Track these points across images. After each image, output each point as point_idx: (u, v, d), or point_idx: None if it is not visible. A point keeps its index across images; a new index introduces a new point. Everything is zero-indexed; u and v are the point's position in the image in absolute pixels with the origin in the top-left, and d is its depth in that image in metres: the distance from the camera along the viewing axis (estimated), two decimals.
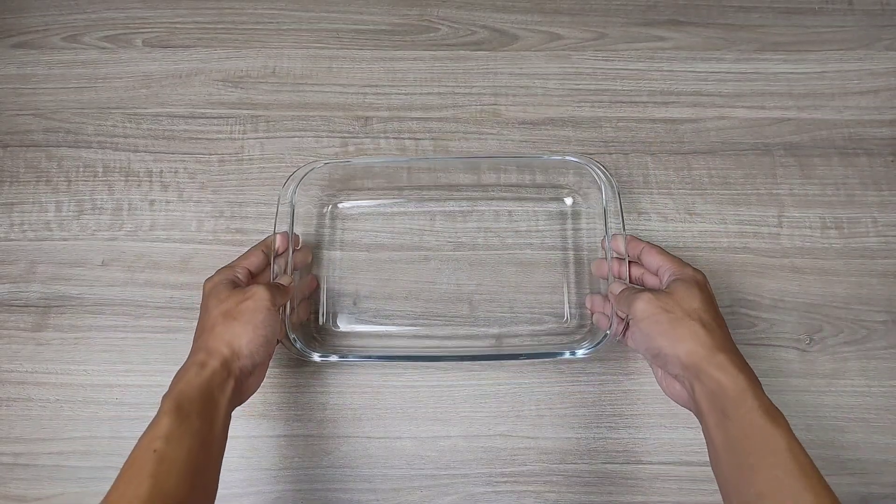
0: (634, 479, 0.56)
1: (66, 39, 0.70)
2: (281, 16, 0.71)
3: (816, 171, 0.64)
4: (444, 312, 0.60)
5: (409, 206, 0.63)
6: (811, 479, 0.38)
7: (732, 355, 0.43)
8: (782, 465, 0.38)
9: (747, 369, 0.43)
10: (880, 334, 0.59)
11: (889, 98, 0.67)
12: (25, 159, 0.66)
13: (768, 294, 0.60)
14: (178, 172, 0.65)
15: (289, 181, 0.59)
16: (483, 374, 0.58)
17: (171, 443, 0.40)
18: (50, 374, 0.58)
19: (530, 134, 0.66)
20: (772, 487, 0.38)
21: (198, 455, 0.41)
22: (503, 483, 0.56)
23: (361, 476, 0.56)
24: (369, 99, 0.68)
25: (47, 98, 0.68)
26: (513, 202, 0.63)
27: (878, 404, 0.57)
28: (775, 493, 0.38)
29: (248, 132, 0.66)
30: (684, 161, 0.65)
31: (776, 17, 0.71)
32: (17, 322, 0.60)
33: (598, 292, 0.58)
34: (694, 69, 0.69)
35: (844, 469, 0.56)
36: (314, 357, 0.54)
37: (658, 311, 0.45)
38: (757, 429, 0.40)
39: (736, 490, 0.40)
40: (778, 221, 0.63)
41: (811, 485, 0.38)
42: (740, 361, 0.43)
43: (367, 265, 0.61)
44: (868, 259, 0.61)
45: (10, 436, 0.57)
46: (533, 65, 0.69)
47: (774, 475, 0.38)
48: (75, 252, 0.62)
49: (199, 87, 0.68)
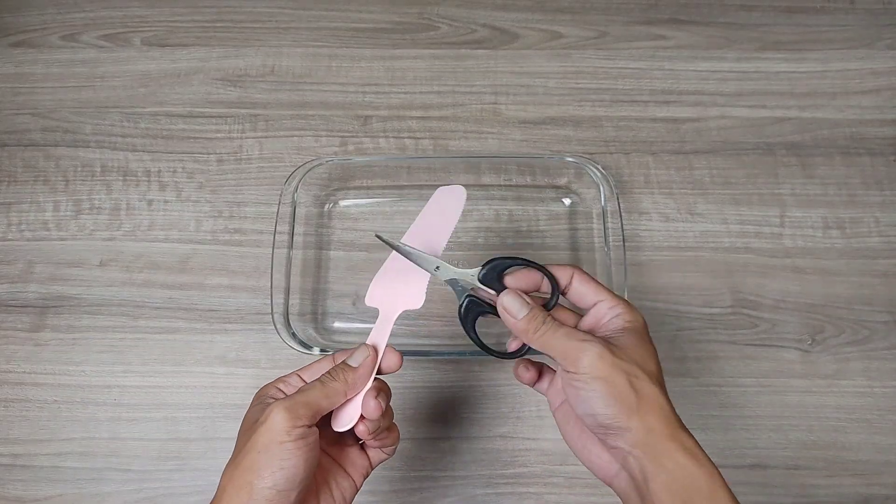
0: None
1: (64, 38, 0.70)
2: (280, 14, 0.71)
3: (818, 171, 0.64)
4: (444, 312, 0.60)
5: (409, 206, 0.63)
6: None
7: (690, 434, 0.36)
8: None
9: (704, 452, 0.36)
10: (882, 335, 0.59)
11: (891, 97, 0.67)
12: (23, 159, 0.65)
13: (770, 294, 0.60)
14: (176, 172, 0.65)
15: (290, 179, 0.58)
16: (483, 375, 0.58)
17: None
18: (48, 374, 0.58)
19: (531, 133, 0.66)
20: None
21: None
22: (503, 485, 0.55)
23: None
24: (369, 98, 0.67)
25: (45, 97, 0.68)
26: (513, 202, 0.63)
27: (880, 405, 0.57)
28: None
29: (247, 131, 0.66)
30: (686, 161, 0.65)
31: (778, 16, 0.71)
32: (14, 322, 0.60)
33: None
34: (695, 68, 0.68)
35: (846, 470, 0.55)
36: (314, 351, 0.54)
37: (616, 373, 0.36)
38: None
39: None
40: (780, 221, 0.62)
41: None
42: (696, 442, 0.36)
43: (367, 265, 0.61)
44: (870, 259, 0.61)
45: (8, 437, 0.57)
46: (533, 63, 0.69)
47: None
48: (73, 252, 0.62)
49: (198, 86, 0.68)
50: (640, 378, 0.36)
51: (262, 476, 0.34)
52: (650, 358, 0.38)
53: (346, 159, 0.63)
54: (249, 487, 0.34)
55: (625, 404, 0.35)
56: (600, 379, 0.36)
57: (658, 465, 0.35)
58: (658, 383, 0.37)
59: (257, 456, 0.34)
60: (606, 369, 0.36)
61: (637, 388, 0.36)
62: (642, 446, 0.35)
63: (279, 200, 0.58)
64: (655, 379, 0.37)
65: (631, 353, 0.37)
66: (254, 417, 0.37)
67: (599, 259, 0.60)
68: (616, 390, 0.36)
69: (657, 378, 0.37)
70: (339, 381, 0.38)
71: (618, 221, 0.57)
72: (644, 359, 0.37)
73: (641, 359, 0.37)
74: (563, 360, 0.37)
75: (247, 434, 0.36)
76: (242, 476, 0.34)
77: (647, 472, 0.35)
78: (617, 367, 0.36)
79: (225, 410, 0.57)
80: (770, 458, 0.55)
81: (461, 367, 0.58)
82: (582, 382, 0.36)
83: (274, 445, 0.34)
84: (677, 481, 0.34)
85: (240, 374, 0.58)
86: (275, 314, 0.55)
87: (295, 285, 0.58)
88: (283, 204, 0.58)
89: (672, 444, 0.35)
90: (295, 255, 0.59)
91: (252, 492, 0.34)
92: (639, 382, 0.36)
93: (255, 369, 0.58)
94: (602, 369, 0.36)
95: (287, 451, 0.34)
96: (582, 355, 0.36)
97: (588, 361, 0.36)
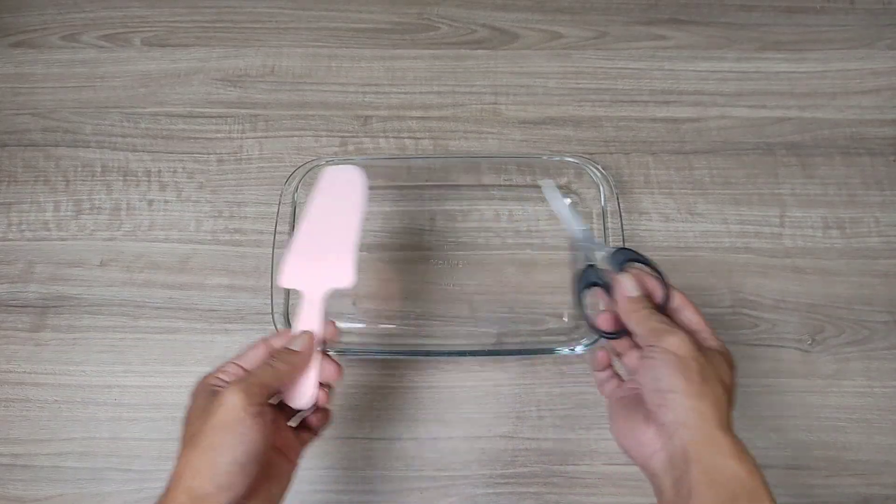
0: (635, 481, 0.55)
1: (64, 38, 0.70)
2: (280, 14, 0.71)
3: (818, 171, 0.64)
4: (444, 312, 0.60)
5: (409, 206, 0.63)
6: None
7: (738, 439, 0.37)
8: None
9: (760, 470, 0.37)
10: (882, 335, 0.59)
11: (891, 97, 0.67)
12: (23, 159, 0.66)
13: (770, 294, 0.60)
14: (176, 172, 0.65)
15: (290, 179, 0.59)
16: (484, 375, 0.58)
17: None
18: (48, 374, 0.58)
19: (531, 133, 0.66)
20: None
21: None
22: (504, 484, 0.55)
23: (361, 477, 0.56)
24: (369, 98, 0.67)
25: (45, 97, 0.68)
26: (513, 202, 0.63)
27: (880, 405, 0.57)
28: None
29: (247, 131, 0.66)
30: (685, 161, 0.65)
31: (778, 16, 0.71)
32: (15, 322, 0.60)
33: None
34: (695, 68, 0.68)
35: (846, 469, 0.55)
36: None
37: (692, 358, 0.38)
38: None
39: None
40: (780, 221, 0.63)
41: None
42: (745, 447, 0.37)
43: (367, 265, 0.61)
44: (870, 259, 0.61)
45: (9, 437, 0.57)
46: (533, 64, 0.69)
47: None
48: (73, 252, 0.62)
49: (198, 86, 0.68)
50: (711, 377, 0.38)
51: (223, 452, 0.36)
52: (726, 374, 0.40)
53: (347, 159, 0.63)
54: (210, 464, 0.35)
55: (690, 382, 0.38)
56: (677, 356, 0.38)
57: (702, 449, 0.36)
58: (725, 391, 0.39)
59: (216, 434, 0.36)
60: (685, 350, 0.39)
61: (705, 377, 0.38)
62: (691, 427, 0.37)
63: (279, 200, 0.58)
64: (724, 388, 0.39)
65: (712, 359, 0.40)
66: (202, 405, 0.38)
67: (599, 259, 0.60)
68: (686, 369, 0.38)
69: (727, 389, 0.39)
70: (285, 363, 0.41)
71: (618, 221, 0.57)
72: (721, 370, 0.40)
73: (720, 367, 0.40)
74: (650, 337, 0.40)
75: (200, 419, 0.37)
76: (201, 456, 0.36)
77: (690, 453, 0.36)
78: (695, 355, 0.39)
79: None
80: (770, 458, 0.55)
81: (461, 366, 0.58)
82: (660, 353, 0.39)
83: (233, 423, 0.36)
84: (717, 469, 0.36)
85: None
86: (275, 314, 0.55)
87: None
88: (284, 204, 0.58)
89: (720, 434, 0.36)
90: None
91: (213, 467, 0.35)
92: (708, 377, 0.38)
93: None
94: (681, 349, 0.39)
95: (246, 426, 0.36)
96: (669, 336, 0.39)
97: (673, 340, 0.39)
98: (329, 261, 0.48)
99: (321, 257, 0.48)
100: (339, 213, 0.49)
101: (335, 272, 0.47)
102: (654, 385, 0.39)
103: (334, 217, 0.49)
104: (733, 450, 0.36)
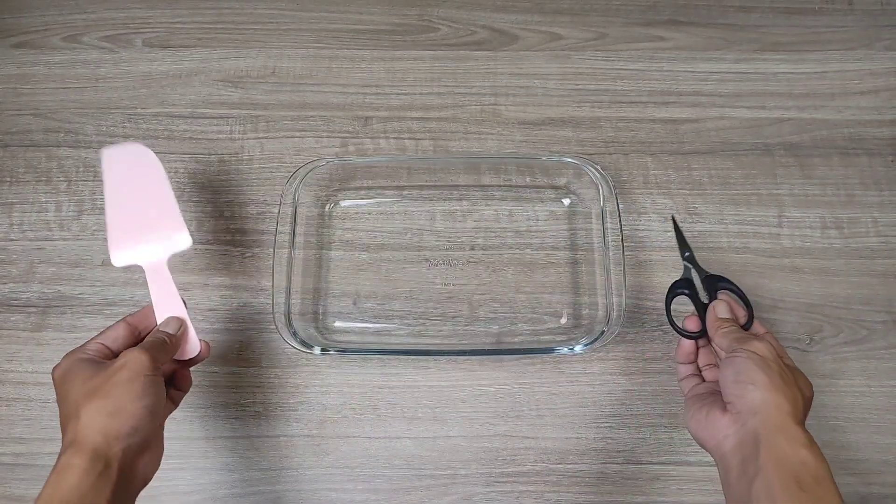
0: (634, 479, 0.56)
1: (65, 39, 0.70)
2: (281, 16, 0.71)
3: (817, 172, 0.64)
4: (444, 312, 0.60)
5: (409, 206, 0.63)
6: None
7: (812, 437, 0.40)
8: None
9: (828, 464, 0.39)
10: (880, 334, 0.59)
11: (889, 98, 0.67)
12: (25, 159, 0.66)
13: (768, 294, 0.60)
14: (178, 172, 0.65)
15: (291, 180, 0.59)
16: (483, 375, 0.58)
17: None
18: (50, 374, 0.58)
19: (530, 134, 0.66)
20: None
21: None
22: (503, 483, 0.56)
23: (361, 476, 0.56)
24: (369, 99, 0.68)
25: (47, 98, 0.68)
26: (512, 202, 0.63)
27: (879, 404, 0.57)
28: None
29: (248, 132, 0.66)
30: (684, 161, 0.65)
31: (776, 17, 0.71)
32: (16, 322, 0.60)
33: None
34: (694, 69, 0.69)
35: (845, 469, 0.56)
36: (315, 350, 0.55)
37: (772, 360, 0.42)
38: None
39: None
40: (778, 221, 0.63)
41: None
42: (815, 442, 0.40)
43: (367, 265, 0.62)
44: (868, 259, 0.61)
45: (11, 436, 0.57)
46: (533, 65, 0.69)
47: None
48: (75, 252, 0.62)
49: (199, 87, 0.68)
50: (790, 380, 0.41)
51: (133, 399, 0.41)
52: (806, 387, 0.43)
53: (347, 160, 0.63)
54: (121, 409, 0.40)
55: (770, 378, 0.41)
56: (760, 356, 0.42)
57: (772, 434, 0.39)
58: (803, 396, 0.41)
59: (124, 386, 0.41)
60: (768, 353, 0.42)
61: (784, 378, 0.41)
62: (765, 414, 0.39)
63: (280, 201, 0.58)
64: (802, 394, 0.41)
65: (793, 370, 0.43)
66: (89, 371, 0.42)
67: (598, 259, 0.60)
68: (767, 368, 0.41)
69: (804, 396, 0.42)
70: (169, 342, 0.46)
71: (617, 221, 0.57)
72: (801, 381, 0.43)
73: (799, 378, 0.43)
74: (735, 343, 0.44)
75: (95, 379, 0.41)
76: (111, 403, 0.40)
77: (760, 436, 0.39)
78: (776, 359, 0.42)
79: (227, 409, 0.57)
80: None
81: (461, 366, 0.59)
82: (745, 353, 0.43)
83: (142, 378, 0.41)
84: (785, 453, 0.38)
85: (241, 374, 0.58)
86: (276, 314, 0.55)
87: (296, 285, 0.59)
88: (284, 204, 0.58)
89: (792, 423, 0.39)
90: (296, 255, 0.60)
91: (125, 412, 0.40)
92: (787, 380, 0.41)
93: (256, 368, 0.59)
94: (764, 352, 0.42)
95: (153, 382, 0.42)
96: (755, 341, 0.44)
97: (758, 344, 0.43)
98: (161, 230, 0.51)
99: (148, 228, 0.51)
100: (145, 187, 0.52)
101: (172, 238, 0.51)
102: (734, 378, 0.42)
103: (140, 191, 0.52)
104: (804, 439, 0.39)
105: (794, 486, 0.37)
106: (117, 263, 0.50)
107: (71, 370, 0.43)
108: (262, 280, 0.61)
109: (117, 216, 0.51)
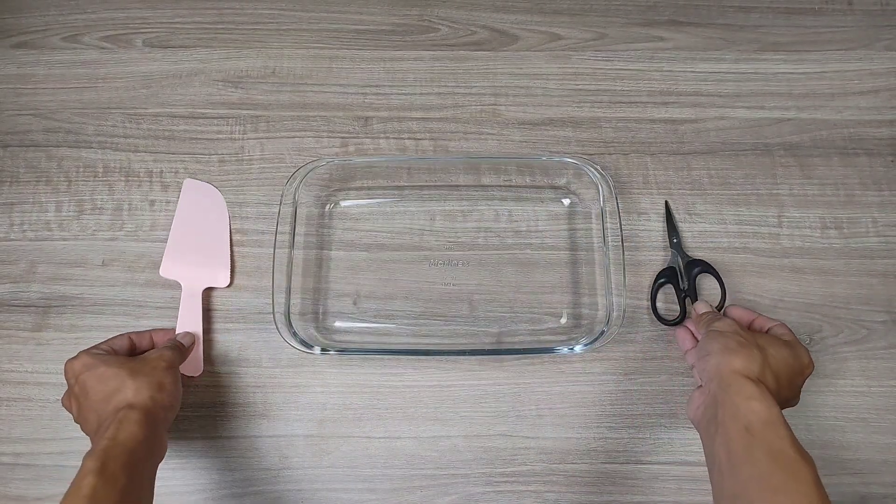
0: (634, 479, 0.56)
1: (66, 39, 0.70)
2: (281, 16, 0.71)
3: (816, 172, 0.65)
4: (444, 312, 0.60)
5: (409, 206, 0.63)
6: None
7: (773, 394, 0.43)
8: (807, 494, 0.39)
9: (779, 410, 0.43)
10: (880, 334, 0.59)
11: (889, 98, 0.68)
12: (25, 159, 0.66)
13: (768, 294, 0.60)
14: (178, 172, 0.65)
15: (291, 180, 0.59)
16: (483, 374, 0.58)
17: None
18: (50, 374, 0.58)
19: (530, 134, 0.66)
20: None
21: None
22: (503, 483, 0.56)
23: (361, 476, 0.56)
24: (369, 99, 0.68)
25: (47, 98, 0.68)
26: (512, 202, 0.63)
27: (878, 404, 0.57)
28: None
29: (249, 132, 0.67)
30: (684, 161, 0.65)
31: (776, 18, 0.71)
32: (17, 322, 0.60)
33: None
34: (694, 69, 0.69)
35: (844, 469, 0.56)
36: (315, 350, 0.55)
37: (734, 329, 0.48)
38: (785, 457, 0.40)
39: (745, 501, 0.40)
40: (778, 221, 0.63)
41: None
42: (776, 402, 0.43)
43: (367, 265, 0.62)
44: (868, 259, 0.61)
45: (11, 436, 0.57)
46: (533, 65, 0.69)
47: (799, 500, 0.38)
48: (75, 252, 0.62)
49: (200, 87, 0.68)
50: (749, 343, 0.46)
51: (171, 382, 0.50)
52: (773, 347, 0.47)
53: (347, 160, 0.63)
54: (165, 388, 0.48)
55: (723, 344, 0.46)
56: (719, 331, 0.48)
57: (727, 393, 0.43)
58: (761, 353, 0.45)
59: (164, 371, 0.49)
60: (726, 327, 0.48)
61: (741, 343, 0.46)
62: (721, 377, 0.44)
63: (280, 201, 0.58)
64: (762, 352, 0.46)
65: (758, 338, 0.48)
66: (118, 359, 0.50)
67: (598, 259, 0.60)
68: (724, 338, 0.47)
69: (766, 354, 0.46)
70: (182, 351, 0.54)
71: (616, 221, 0.57)
72: (764, 341, 0.47)
73: (761, 339, 0.47)
74: (704, 327, 0.51)
75: (131, 363, 0.49)
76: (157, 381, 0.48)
77: (718, 398, 0.44)
78: (735, 329, 0.48)
79: (227, 409, 0.57)
80: None
81: (461, 366, 0.59)
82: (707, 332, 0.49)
83: (173, 369, 0.51)
84: (737, 406, 0.42)
85: (241, 374, 0.58)
86: (276, 314, 0.55)
87: (296, 285, 0.59)
88: (285, 204, 0.58)
89: (743, 380, 0.43)
90: (296, 255, 0.60)
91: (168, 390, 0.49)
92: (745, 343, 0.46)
93: (256, 368, 0.59)
94: (723, 326, 0.48)
95: (178, 374, 0.52)
96: (716, 320, 0.50)
97: (718, 322, 0.49)
98: (208, 263, 0.60)
99: (199, 257, 0.60)
100: (209, 223, 0.61)
101: (214, 273, 0.60)
102: (699, 355, 0.49)
103: (204, 224, 0.61)
104: (753, 391, 0.43)
105: (745, 432, 0.41)
106: (164, 274, 0.60)
107: (97, 359, 0.49)
108: (262, 280, 0.61)
109: (180, 236, 0.61)
